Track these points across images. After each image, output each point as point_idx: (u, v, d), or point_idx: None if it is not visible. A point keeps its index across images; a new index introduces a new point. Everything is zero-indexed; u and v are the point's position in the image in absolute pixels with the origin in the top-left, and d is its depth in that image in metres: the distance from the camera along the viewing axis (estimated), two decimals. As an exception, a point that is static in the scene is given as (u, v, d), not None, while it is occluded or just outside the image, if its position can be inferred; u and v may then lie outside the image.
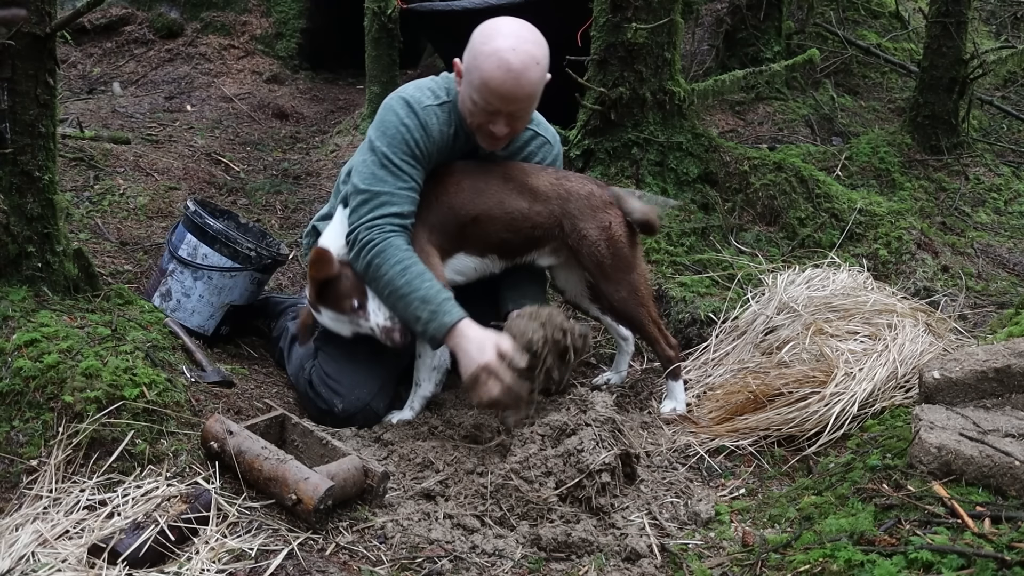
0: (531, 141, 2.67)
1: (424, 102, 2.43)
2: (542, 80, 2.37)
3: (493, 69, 2.27)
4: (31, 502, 1.88)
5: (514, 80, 2.28)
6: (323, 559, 1.81)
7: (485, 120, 2.38)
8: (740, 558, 1.84)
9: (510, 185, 2.54)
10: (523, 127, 2.52)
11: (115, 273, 3.12)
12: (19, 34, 2.08)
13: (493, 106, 2.33)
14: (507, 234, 2.54)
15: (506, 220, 2.52)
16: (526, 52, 2.29)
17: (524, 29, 2.35)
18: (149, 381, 2.08)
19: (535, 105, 2.45)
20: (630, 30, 3.57)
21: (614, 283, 2.58)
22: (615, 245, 2.56)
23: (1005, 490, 1.69)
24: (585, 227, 2.55)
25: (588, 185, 2.62)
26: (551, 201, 2.56)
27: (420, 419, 2.49)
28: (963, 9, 4.38)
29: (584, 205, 2.57)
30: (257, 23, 6.53)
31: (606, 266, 2.56)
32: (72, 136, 4.24)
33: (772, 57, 5.33)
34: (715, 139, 3.96)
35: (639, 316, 2.61)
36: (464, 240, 2.52)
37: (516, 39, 2.31)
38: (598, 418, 2.17)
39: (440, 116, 2.44)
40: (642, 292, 2.61)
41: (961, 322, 3.05)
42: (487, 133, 2.42)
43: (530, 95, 2.36)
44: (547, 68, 2.39)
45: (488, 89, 2.30)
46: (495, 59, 2.27)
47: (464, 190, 2.51)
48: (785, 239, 3.74)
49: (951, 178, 4.47)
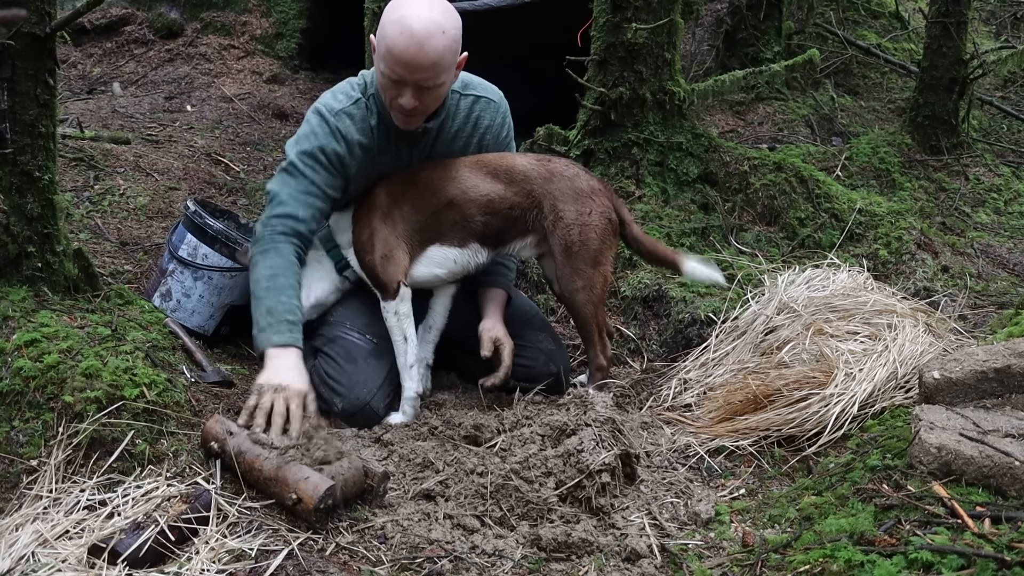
0: (474, 105, 2.61)
1: (335, 107, 2.46)
2: (448, 50, 2.30)
3: (396, 35, 2.25)
4: (31, 502, 1.88)
5: (417, 46, 2.24)
6: (323, 559, 1.81)
7: (394, 93, 2.34)
8: (740, 558, 1.84)
9: (484, 169, 2.52)
10: (435, 102, 2.43)
11: (115, 273, 3.12)
12: (19, 34, 2.08)
13: (397, 74, 2.29)
14: (485, 217, 2.50)
15: (483, 202, 2.48)
16: (430, 19, 2.26)
17: (436, 1, 2.32)
18: (149, 381, 2.08)
19: (445, 76, 2.36)
20: (630, 30, 3.58)
21: (572, 271, 2.51)
22: (588, 233, 2.50)
23: (1005, 490, 1.69)
24: (564, 208, 2.50)
25: (573, 168, 2.59)
26: (531, 180, 2.51)
27: (420, 419, 2.49)
28: (963, 9, 4.39)
29: (567, 187, 2.52)
30: (257, 23, 6.52)
31: (572, 252, 2.50)
32: (72, 136, 4.24)
33: (772, 57, 5.33)
34: (715, 139, 3.96)
35: (586, 313, 2.54)
36: (440, 229, 2.50)
37: (423, 7, 2.28)
38: (598, 418, 2.17)
39: (355, 114, 2.47)
40: (597, 291, 2.54)
41: (961, 322, 3.05)
42: (398, 108, 2.37)
43: (434, 63, 2.28)
44: (457, 40, 2.33)
45: (392, 56, 2.27)
46: (399, 25, 2.25)
47: (434, 178, 2.49)
48: (785, 239, 3.74)
49: (951, 178, 4.47)
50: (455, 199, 2.49)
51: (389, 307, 2.48)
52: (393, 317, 2.48)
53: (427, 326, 2.67)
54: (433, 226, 2.50)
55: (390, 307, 2.48)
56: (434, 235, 2.51)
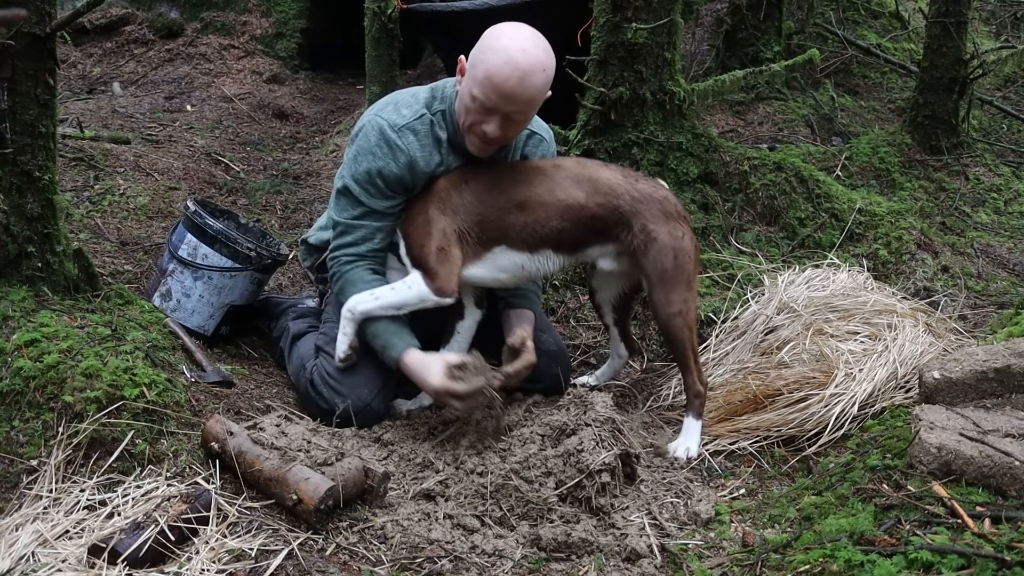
0: (528, 140, 2.61)
1: (398, 122, 2.41)
2: (545, 88, 2.32)
3: (500, 64, 2.24)
4: (31, 502, 1.88)
5: (519, 78, 2.24)
6: (323, 559, 1.81)
7: (479, 119, 2.32)
8: (740, 558, 1.84)
9: (562, 174, 2.44)
10: (515, 135, 2.43)
11: (115, 273, 3.12)
12: (19, 34, 2.08)
13: (492, 102, 2.27)
14: (561, 223, 2.41)
15: (559, 207, 2.40)
16: (536, 57, 2.27)
17: (537, 37, 2.33)
18: (149, 381, 2.08)
19: (533, 113, 2.39)
20: (630, 30, 3.57)
21: (669, 295, 2.41)
22: (682, 257, 2.43)
23: (1005, 490, 1.69)
24: (657, 230, 2.42)
25: (662, 190, 2.53)
26: (618, 196, 2.43)
27: (420, 419, 2.49)
28: (963, 9, 4.39)
29: (658, 209, 2.44)
30: (257, 23, 6.53)
31: (667, 275, 2.41)
32: (72, 136, 4.24)
33: (772, 57, 5.33)
34: (715, 139, 3.96)
35: (682, 338, 2.43)
36: (507, 230, 2.40)
37: (529, 42, 2.29)
38: (598, 418, 2.17)
39: (420, 129, 2.41)
40: (692, 315, 2.45)
41: (961, 322, 3.05)
42: (479, 134, 2.35)
43: (531, 99, 2.30)
44: (551, 81, 2.34)
45: (491, 83, 2.25)
46: (504, 55, 2.25)
47: (502, 176, 2.42)
48: (785, 239, 3.74)
49: (951, 178, 4.47)
50: (528, 201, 2.40)
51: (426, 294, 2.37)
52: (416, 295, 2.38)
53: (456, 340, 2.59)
54: (499, 225, 2.40)
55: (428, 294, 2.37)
56: (500, 235, 2.41)
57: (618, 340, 2.81)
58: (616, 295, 2.74)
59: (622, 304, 2.76)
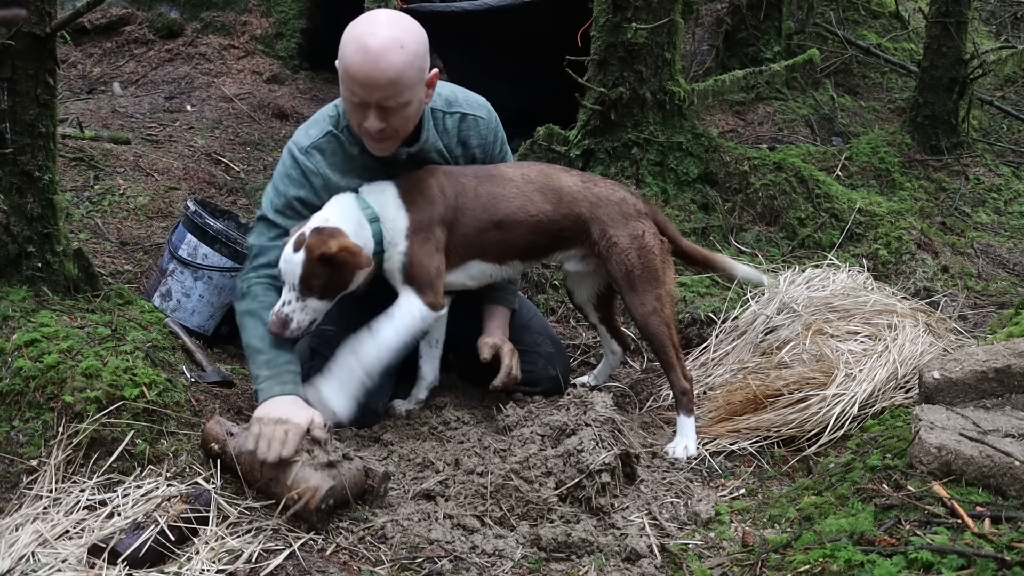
0: (461, 124, 2.48)
1: (304, 143, 2.35)
2: (410, 66, 2.16)
3: (352, 54, 2.14)
4: (31, 502, 1.88)
5: (372, 63, 2.11)
6: (323, 559, 1.81)
7: (360, 117, 2.21)
8: (740, 558, 1.84)
9: (532, 186, 2.44)
10: (403, 122, 2.26)
11: (115, 273, 3.12)
12: (19, 34, 2.08)
13: (358, 95, 2.16)
14: (532, 237, 2.44)
15: (531, 224, 2.42)
16: (388, 36, 2.13)
17: (394, 16, 2.23)
18: (149, 381, 2.08)
19: (409, 94, 2.20)
20: (630, 30, 3.58)
21: (640, 296, 2.44)
22: (646, 255, 2.44)
23: (1005, 490, 1.69)
24: (616, 234, 2.44)
25: (620, 191, 2.53)
26: (579, 203, 2.45)
27: (420, 419, 2.49)
28: (963, 9, 4.39)
29: (616, 211, 2.47)
30: (257, 23, 6.53)
31: (635, 277, 2.43)
32: (72, 136, 4.24)
33: (772, 57, 5.34)
34: (715, 139, 3.97)
35: (661, 335, 2.44)
36: (483, 246, 2.41)
37: (381, 24, 2.17)
38: (598, 418, 2.17)
39: (327, 147, 2.35)
40: (667, 311, 2.46)
41: (961, 322, 3.05)
42: (365, 132, 2.24)
43: (392, 80, 2.14)
44: (420, 56, 2.19)
45: (350, 77, 2.15)
46: (355, 43, 2.14)
47: (486, 195, 2.39)
48: (785, 239, 3.74)
49: (951, 178, 4.47)
50: (505, 220, 2.40)
51: (428, 316, 2.32)
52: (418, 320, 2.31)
53: (430, 341, 2.57)
54: (478, 242, 2.40)
55: (430, 316, 2.32)
56: (477, 251, 2.42)
57: (608, 337, 2.81)
58: (593, 294, 2.74)
59: (602, 302, 2.75)
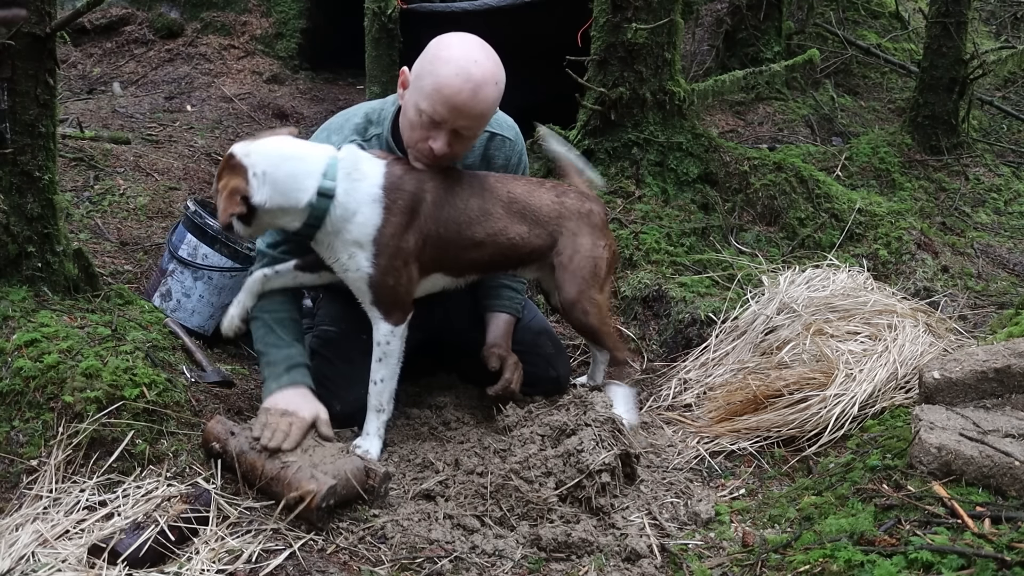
0: (489, 143, 2.50)
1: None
2: (496, 102, 2.20)
3: (451, 75, 2.10)
4: (31, 502, 1.88)
5: (471, 91, 2.11)
6: (323, 559, 1.81)
7: (425, 134, 2.18)
8: (740, 558, 1.84)
9: (513, 208, 2.37)
10: (464, 150, 2.28)
11: (115, 273, 3.12)
12: (19, 34, 2.08)
13: (440, 115, 2.13)
14: (501, 257, 2.39)
15: (507, 245, 2.37)
16: (488, 69, 2.15)
17: (487, 49, 2.22)
18: (149, 381, 2.08)
19: (481, 129, 2.26)
20: (630, 30, 3.57)
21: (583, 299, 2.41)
22: (600, 265, 2.43)
23: (1005, 490, 1.69)
24: (581, 243, 2.41)
25: (587, 203, 2.49)
26: (551, 221, 2.41)
27: (420, 419, 2.49)
28: (963, 9, 4.39)
29: (585, 224, 2.44)
30: (257, 23, 6.52)
31: (585, 283, 2.40)
32: (72, 136, 4.24)
33: (772, 57, 5.33)
34: (715, 139, 3.96)
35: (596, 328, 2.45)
36: (453, 263, 2.34)
37: (480, 53, 2.16)
38: (598, 418, 2.17)
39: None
40: (605, 309, 2.48)
41: (961, 322, 3.05)
42: (425, 151, 2.21)
43: (482, 113, 2.17)
44: (502, 95, 2.21)
45: (441, 96, 2.11)
46: (455, 65, 2.11)
47: (472, 209, 2.32)
48: (785, 239, 3.74)
49: (951, 178, 4.47)
50: (484, 241, 2.34)
51: (396, 331, 2.27)
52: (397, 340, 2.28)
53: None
54: (450, 258, 2.34)
55: (397, 332, 2.27)
56: (445, 267, 2.35)
57: None
58: None
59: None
